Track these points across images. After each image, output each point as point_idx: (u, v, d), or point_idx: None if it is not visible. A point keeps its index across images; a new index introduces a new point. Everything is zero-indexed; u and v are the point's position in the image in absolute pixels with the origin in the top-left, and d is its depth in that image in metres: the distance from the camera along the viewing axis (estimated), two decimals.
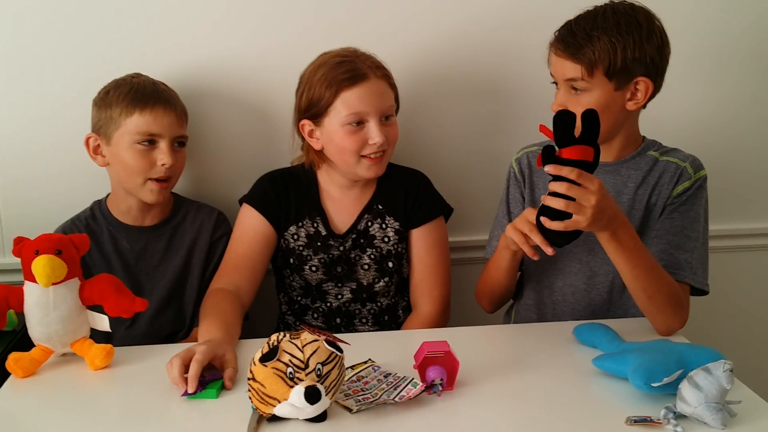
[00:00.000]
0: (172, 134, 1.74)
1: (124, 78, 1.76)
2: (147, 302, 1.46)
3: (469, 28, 1.95)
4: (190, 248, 1.83)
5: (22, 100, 1.89)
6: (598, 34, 1.50)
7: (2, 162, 1.92)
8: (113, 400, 1.35)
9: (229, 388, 1.33)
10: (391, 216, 1.80)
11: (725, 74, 2.05)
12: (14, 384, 1.39)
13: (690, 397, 1.16)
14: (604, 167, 1.62)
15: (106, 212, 1.82)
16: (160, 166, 1.72)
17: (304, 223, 1.79)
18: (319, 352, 1.18)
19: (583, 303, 1.69)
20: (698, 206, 1.61)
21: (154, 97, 1.72)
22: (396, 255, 1.80)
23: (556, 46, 1.56)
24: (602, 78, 1.52)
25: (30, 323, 1.42)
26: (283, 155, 1.92)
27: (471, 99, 2.01)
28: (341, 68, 1.68)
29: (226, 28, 1.90)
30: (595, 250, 1.63)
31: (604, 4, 1.56)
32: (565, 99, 1.56)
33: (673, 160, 1.63)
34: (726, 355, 1.23)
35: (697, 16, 1.99)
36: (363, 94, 1.67)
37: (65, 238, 1.43)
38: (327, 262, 1.79)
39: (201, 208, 1.88)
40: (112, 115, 1.71)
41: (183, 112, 1.80)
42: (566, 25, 1.56)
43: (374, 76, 1.69)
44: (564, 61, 1.54)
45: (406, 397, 1.25)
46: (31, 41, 1.86)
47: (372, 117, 1.68)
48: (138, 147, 1.71)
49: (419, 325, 1.77)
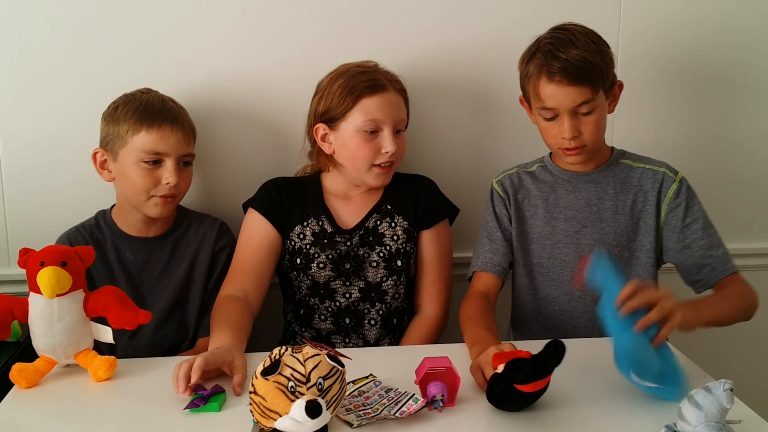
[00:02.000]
0: (178, 153, 1.74)
1: (134, 94, 1.77)
2: (150, 315, 1.47)
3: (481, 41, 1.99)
4: (193, 259, 1.84)
5: (29, 113, 1.91)
6: (590, 56, 1.59)
7: (9, 174, 1.94)
8: (116, 412, 1.35)
9: (238, 394, 1.34)
10: (400, 215, 1.84)
11: (696, 89, 2.08)
12: (17, 395, 1.39)
13: (690, 416, 1.16)
14: (585, 177, 1.74)
15: (111, 223, 1.83)
16: (165, 184, 1.73)
17: (309, 222, 1.82)
18: (321, 366, 1.18)
19: (580, 309, 1.73)
20: (698, 203, 1.70)
21: (162, 116, 1.72)
22: (405, 254, 1.82)
23: (559, 77, 1.58)
24: (601, 93, 1.62)
25: (34, 334, 1.43)
26: (291, 168, 1.94)
27: (471, 110, 2.04)
28: (363, 77, 1.76)
29: (237, 43, 1.93)
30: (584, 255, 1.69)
31: (558, 29, 1.64)
32: (575, 123, 1.62)
33: (648, 167, 1.73)
34: (726, 375, 1.24)
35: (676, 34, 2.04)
36: (381, 104, 1.75)
37: (70, 249, 1.45)
38: (335, 258, 1.81)
39: (204, 220, 1.88)
40: (119, 132, 1.72)
41: (191, 130, 1.80)
42: (550, 55, 1.59)
43: (392, 89, 1.78)
44: (569, 88, 1.59)
45: (407, 413, 1.25)
46: (40, 54, 1.88)
47: (387, 126, 1.75)
48: (143, 165, 1.71)
49: (424, 328, 1.81)
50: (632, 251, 1.71)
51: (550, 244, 1.74)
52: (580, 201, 1.73)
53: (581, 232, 1.72)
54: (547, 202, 1.75)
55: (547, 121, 1.65)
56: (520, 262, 1.77)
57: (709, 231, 1.68)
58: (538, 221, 1.75)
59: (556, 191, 1.75)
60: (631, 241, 1.71)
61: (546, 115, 1.64)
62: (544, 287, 1.76)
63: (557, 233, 1.73)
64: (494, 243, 1.77)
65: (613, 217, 1.71)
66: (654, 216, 1.70)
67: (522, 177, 1.80)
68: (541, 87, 1.62)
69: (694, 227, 1.67)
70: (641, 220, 1.71)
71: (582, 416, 1.28)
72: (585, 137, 1.63)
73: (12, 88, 1.90)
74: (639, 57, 2.02)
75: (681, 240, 1.68)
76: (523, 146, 1.93)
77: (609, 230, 1.71)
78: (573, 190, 1.74)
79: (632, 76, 1.96)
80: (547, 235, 1.74)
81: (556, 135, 1.65)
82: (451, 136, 2.05)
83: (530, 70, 1.64)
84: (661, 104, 2.08)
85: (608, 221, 1.71)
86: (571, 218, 1.73)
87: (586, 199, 1.72)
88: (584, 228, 1.72)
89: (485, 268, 1.75)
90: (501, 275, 1.76)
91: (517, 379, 1.23)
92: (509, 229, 1.77)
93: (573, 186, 1.74)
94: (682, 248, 1.68)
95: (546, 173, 1.78)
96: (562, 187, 1.75)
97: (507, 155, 1.97)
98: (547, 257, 1.75)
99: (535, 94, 1.64)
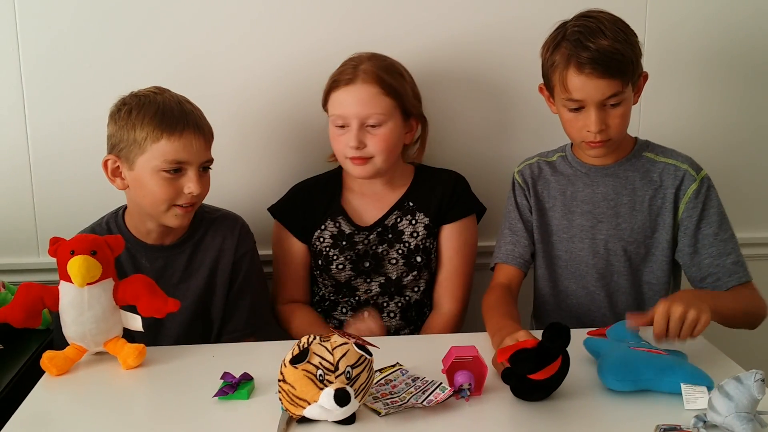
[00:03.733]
0: (199, 160, 1.64)
1: (146, 94, 1.64)
2: (179, 303, 1.47)
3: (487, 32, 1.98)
4: (213, 267, 1.75)
5: (57, 102, 1.93)
6: (621, 47, 1.54)
7: (38, 163, 1.96)
8: (145, 399, 1.37)
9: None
10: (421, 212, 1.83)
11: (726, 78, 2.05)
12: (48, 382, 1.41)
13: (720, 406, 1.15)
14: (604, 170, 1.70)
15: (124, 229, 1.73)
16: (187, 194, 1.63)
17: (327, 225, 1.84)
18: (349, 355, 1.19)
19: (597, 303, 1.73)
20: (716, 206, 1.66)
21: (183, 121, 1.61)
22: (424, 250, 1.82)
23: (590, 69, 1.54)
24: (629, 85, 1.59)
25: (65, 322, 1.45)
26: (311, 163, 1.97)
27: (485, 102, 2.03)
28: (339, 69, 1.78)
29: (248, 38, 1.94)
30: (599, 252, 1.69)
31: (585, 16, 1.60)
32: (602, 117, 1.58)
33: (670, 162, 1.68)
34: (748, 365, 1.24)
35: (694, 20, 2.00)
36: (343, 98, 1.75)
37: (100, 238, 1.46)
38: (354, 258, 1.82)
39: (223, 222, 1.78)
40: (136, 139, 1.60)
41: (210, 134, 1.68)
42: (579, 44, 1.55)
43: (361, 81, 1.74)
44: (598, 81, 1.54)
45: (434, 402, 1.25)
46: (68, 45, 1.90)
47: (353, 120, 1.74)
48: (164, 174, 1.60)
49: (440, 324, 1.80)
50: (648, 248, 1.69)
51: (566, 237, 1.73)
52: (597, 195, 1.70)
53: (597, 227, 1.70)
54: (565, 195, 1.73)
55: (571, 111, 1.61)
56: (540, 253, 1.76)
57: (722, 237, 1.63)
58: (557, 214, 1.74)
59: (574, 184, 1.73)
60: (648, 237, 1.68)
61: (571, 105, 1.60)
62: (563, 280, 1.75)
63: (574, 227, 1.72)
64: (516, 234, 1.76)
65: (630, 213, 1.68)
66: (672, 213, 1.66)
67: (542, 167, 1.77)
68: (569, 78, 1.56)
69: (706, 232, 1.64)
70: (660, 216, 1.67)
71: (602, 405, 1.28)
72: (611, 131, 1.59)
73: (40, 79, 1.91)
74: (667, 45, 1.99)
75: (692, 243, 1.65)
76: (543, 136, 1.91)
77: (625, 226, 1.68)
78: (591, 184, 1.71)
79: (661, 65, 1.94)
80: (564, 229, 1.73)
81: (581, 128, 1.60)
82: (470, 127, 2.03)
83: (556, 59, 1.59)
84: (689, 94, 2.04)
85: (625, 217, 1.68)
86: (588, 212, 1.70)
87: (604, 194, 1.69)
88: (600, 223, 1.69)
89: (506, 260, 1.75)
90: (522, 267, 1.75)
91: (524, 370, 1.23)
92: (530, 220, 1.76)
93: (591, 180, 1.71)
94: (692, 252, 1.65)
95: (566, 165, 1.75)
96: (580, 180, 1.72)
97: (527, 144, 1.95)
98: (565, 250, 1.73)
99: (561, 85, 1.59)
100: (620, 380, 1.29)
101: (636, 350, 1.35)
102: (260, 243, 1.86)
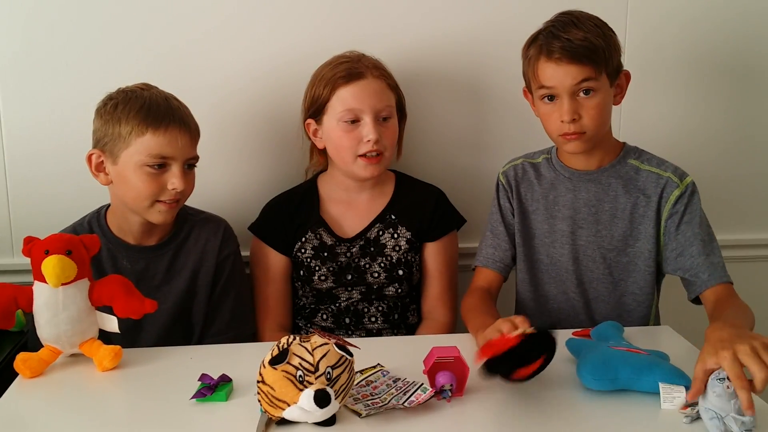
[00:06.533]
0: (184, 156, 1.62)
1: (133, 90, 1.64)
2: (156, 303, 1.45)
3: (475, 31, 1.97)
4: (195, 269, 1.73)
5: (32, 101, 1.90)
6: (592, 36, 1.56)
7: (12, 162, 1.93)
8: (121, 402, 1.35)
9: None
10: (403, 226, 1.82)
11: (707, 80, 2.06)
12: (22, 384, 1.38)
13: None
14: (586, 176, 1.69)
15: (106, 229, 1.71)
16: (171, 190, 1.61)
17: (308, 237, 1.82)
18: (329, 356, 1.17)
19: (576, 309, 1.72)
20: (698, 210, 1.64)
21: (169, 116, 1.60)
22: (406, 263, 1.81)
23: (558, 55, 1.56)
24: (604, 76, 1.58)
25: (39, 323, 1.42)
26: (291, 167, 1.96)
27: (467, 104, 2.02)
28: (340, 67, 1.73)
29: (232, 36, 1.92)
30: (579, 258, 1.69)
31: (562, 14, 1.61)
32: (574, 106, 1.58)
33: (654, 170, 1.67)
34: None
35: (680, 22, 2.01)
36: (357, 92, 1.72)
37: (75, 238, 1.43)
38: (336, 270, 1.80)
39: (206, 224, 1.77)
40: (121, 133, 1.59)
41: (196, 132, 1.67)
42: (551, 35, 1.57)
43: (371, 76, 1.74)
44: (568, 67, 1.56)
45: (415, 403, 1.24)
46: (43, 43, 1.87)
47: (366, 114, 1.71)
48: (147, 169, 1.59)
49: (438, 332, 1.79)
50: (630, 257, 1.68)
51: (548, 242, 1.72)
52: (578, 201, 1.69)
53: (577, 233, 1.69)
54: (547, 199, 1.73)
55: (546, 104, 1.61)
56: (522, 257, 1.75)
57: (704, 239, 1.61)
58: (539, 217, 1.73)
59: (557, 189, 1.72)
60: (630, 246, 1.67)
61: (544, 93, 1.60)
62: (544, 284, 1.75)
63: (555, 232, 1.71)
64: (497, 238, 1.76)
65: (610, 221, 1.67)
66: (654, 223, 1.65)
67: (526, 169, 1.77)
68: (540, 67, 1.58)
69: (688, 234, 1.61)
70: (642, 225, 1.66)
71: (582, 405, 1.28)
72: (585, 122, 1.58)
73: (15, 77, 1.89)
74: (648, 47, 2.00)
75: (675, 248, 1.63)
76: (525, 141, 1.90)
77: (605, 233, 1.68)
78: (573, 189, 1.70)
79: (642, 67, 1.94)
80: (546, 233, 1.72)
81: (556, 119, 1.60)
82: (450, 128, 2.03)
83: (531, 53, 1.62)
84: (671, 96, 2.05)
85: (605, 224, 1.67)
86: (569, 218, 1.70)
87: (585, 200, 1.69)
88: (580, 229, 1.69)
89: (486, 264, 1.75)
90: (502, 271, 1.75)
91: (503, 372, 1.23)
92: (512, 223, 1.76)
93: (573, 185, 1.70)
94: (677, 256, 1.63)
95: (549, 168, 1.74)
96: (562, 185, 1.71)
97: (509, 145, 1.95)
98: (546, 255, 1.73)
99: (534, 77, 1.61)
100: (598, 379, 1.28)
101: (615, 349, 1.35)
102: (243, 246, 1.85)
